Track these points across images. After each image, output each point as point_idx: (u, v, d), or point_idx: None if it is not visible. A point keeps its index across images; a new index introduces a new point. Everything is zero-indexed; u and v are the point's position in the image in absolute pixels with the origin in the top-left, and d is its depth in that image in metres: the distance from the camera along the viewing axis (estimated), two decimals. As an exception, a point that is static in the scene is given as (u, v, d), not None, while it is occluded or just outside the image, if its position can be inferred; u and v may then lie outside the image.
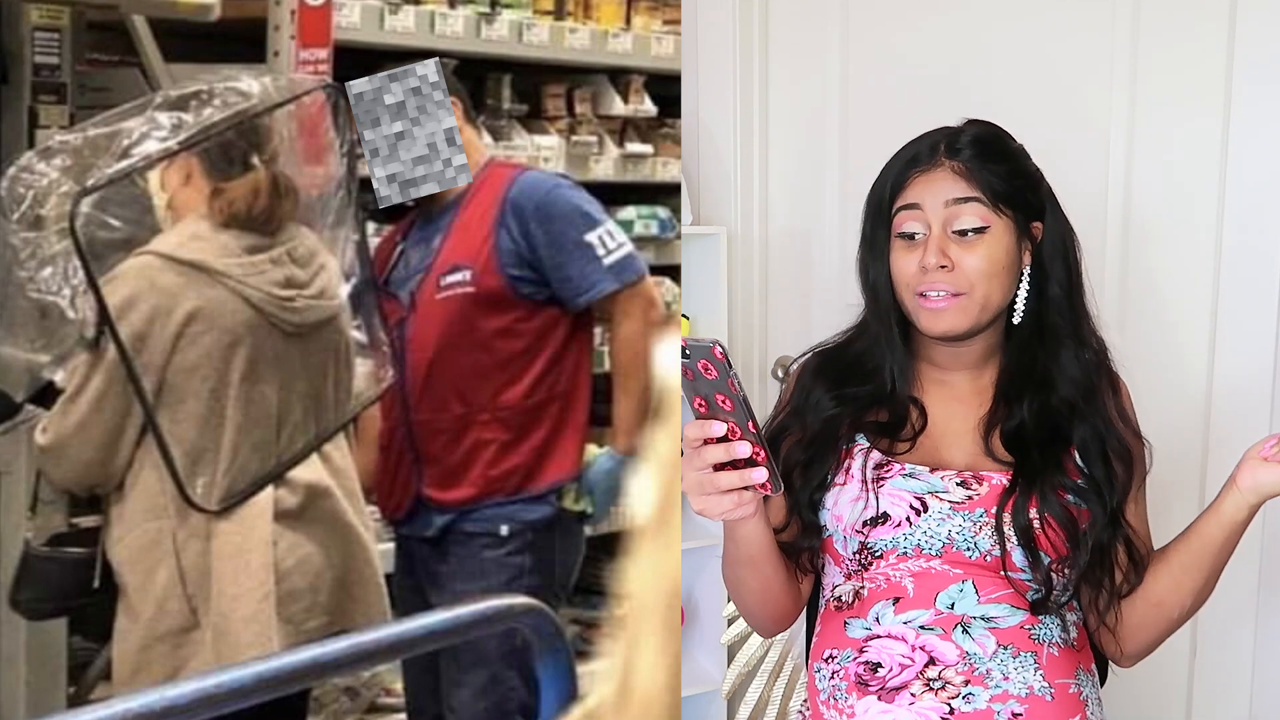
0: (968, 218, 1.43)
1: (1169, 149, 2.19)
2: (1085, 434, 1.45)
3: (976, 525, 1.41)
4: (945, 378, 1.52)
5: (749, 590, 1.48)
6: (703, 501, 1.24)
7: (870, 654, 1.42)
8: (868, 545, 1.44)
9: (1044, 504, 1.40)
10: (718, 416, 1.20)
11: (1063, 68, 2.29)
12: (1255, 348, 2.12)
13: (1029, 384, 1.47)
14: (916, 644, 1.40)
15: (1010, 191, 1.45)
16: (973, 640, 1.39)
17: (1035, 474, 1.41)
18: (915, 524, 1.42)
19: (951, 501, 1.42)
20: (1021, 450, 1.44)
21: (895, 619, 1.42)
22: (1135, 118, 2.22)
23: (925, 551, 1.42)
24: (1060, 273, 1.49)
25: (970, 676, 1.38)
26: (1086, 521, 1.42)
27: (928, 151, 1.47)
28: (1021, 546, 1.39)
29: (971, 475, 1.44)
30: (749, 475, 1.21)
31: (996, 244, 1.43)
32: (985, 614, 1.40)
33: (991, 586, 1.41)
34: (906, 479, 1.44)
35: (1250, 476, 1.37)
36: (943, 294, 1.42)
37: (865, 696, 1.41)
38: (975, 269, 1.42)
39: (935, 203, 1.43)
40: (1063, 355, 1.47)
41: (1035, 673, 1.39)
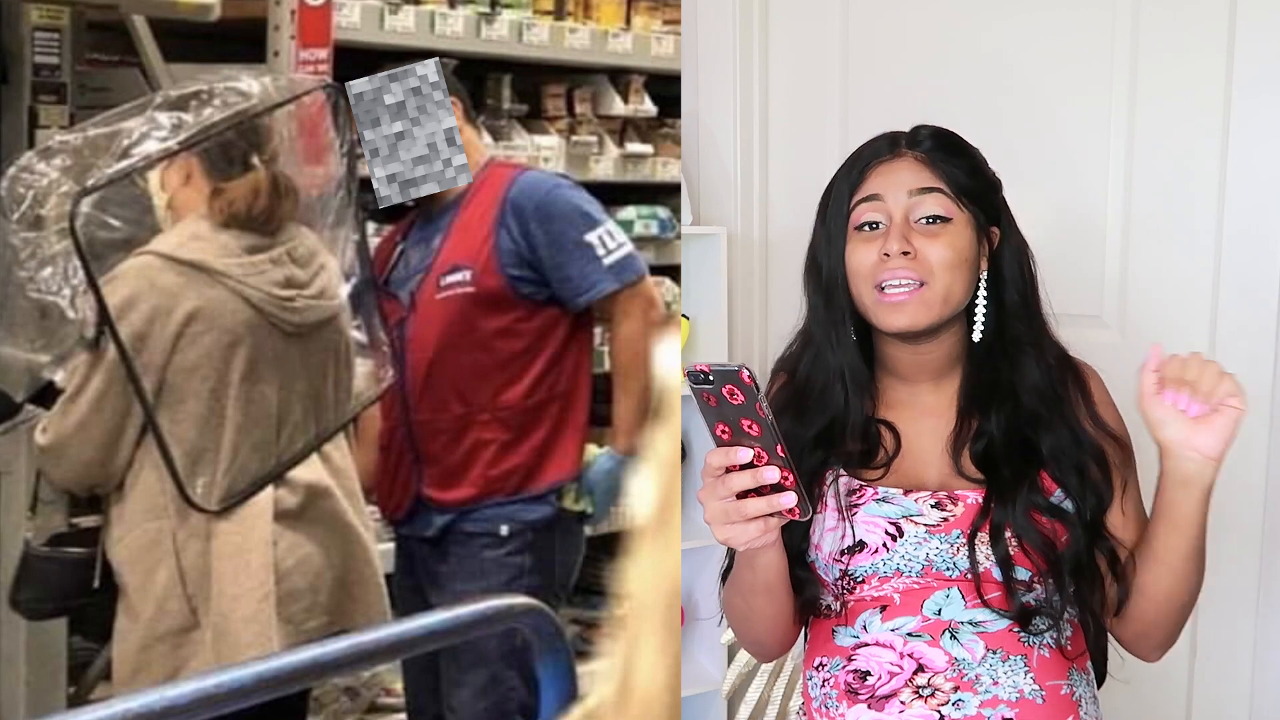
0: (930, 206, 1.41)
1: (1169, 149, 2.19)
2: (1054, 445, 1.42)
3: (954, 547, 1.39)
4: (910, 391, 1.49)
5: (762, 617, 1.45)
6: (727, 530, 1.22)
7: (859, 662, 1.41)
8: (848, 572, 1.43)
9: (1018, 528, 1.37)
10: (742, 443, 1.17)
11: (1063, 68, 2.29)
12: (1255, 348, 2.12)
13: (993, 396, 1.45)
14: (904, 651, 1.39)
15: (972, 186, 1.44)
16: (961, 646, 1.38)
17: (1007, 495, 1.39)
18: (893, 549, 1.40)
19: (927, 525, 1.40)
20: (992, 468, 1.42)
21: (882, 627, 1.41)
22: (1135, 118, 2.22)
23: (905, 574, 1.40)
24: (1017, 279, 1.47)
25: (959, 682, 1.37)
26: (1064, 539, 1.39)
27: (887, 145, 1.46)
28: (1000, 567, 1.38)
29: (946, 495, 1.42)
30: (777, 501, 1.18)
31: (959, 235, 1.42)
32: (973, 619, 1.39)
33: (977, 594, 1.39)
34: (880, 504, 1.41)
35: (1211, 439, 1.29)
36: (903, 285, 1.39)
37: (855, 705, 1.40)
38: (938, 258, 1.39)
39: (898, 192, 1.42)
40: (1024, 364, 1.45)
41: (1025, 676, 1.38)
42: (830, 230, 1.46)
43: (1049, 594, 1.39)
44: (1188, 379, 1.29)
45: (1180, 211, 2.19)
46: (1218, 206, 2.14)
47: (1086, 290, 2.27)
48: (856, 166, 1.46)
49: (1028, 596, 1.39)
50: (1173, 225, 2.20)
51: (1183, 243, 2.19)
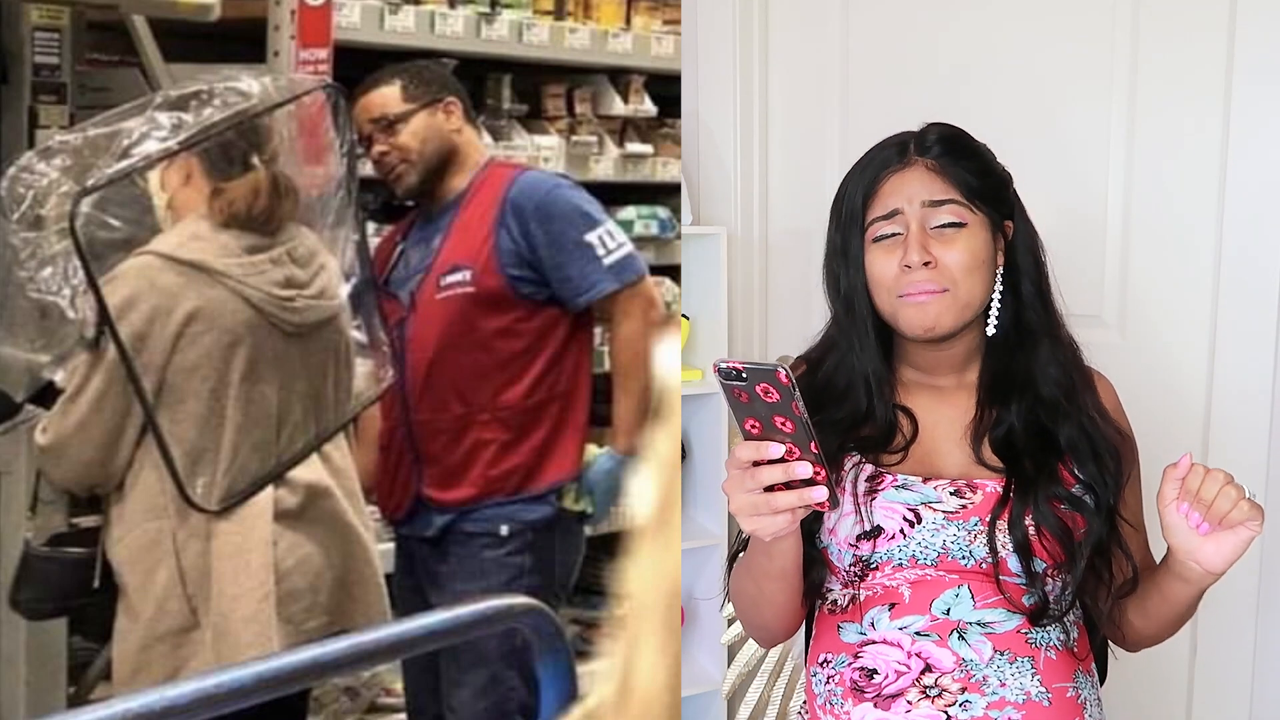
0: (946, 215, 1.42)
1: (1169, 150, 2.19)
2: (1072, 433, 1.44)
3: (971, 534, 1.40)
4: (931, 381, 1.50)
5: (773, 603, 1.45)
6: (755, 522, 1.23)
7: (866, 660, 1.41)
8: (863, 558, 1.43)
9: (1038, 515, 1.39)
10: (773, 438, 1.18)
11: (1063, 69, 2.29)
12: (1255, 348, 2.12)
13: (1013, 386, 1.46)
14: (912, 650, 1.39)
15: (983, 188, 1.45)
16: (969, 646, 1.38)
17: (1028, 483, 1.40)
18: (910, 535, 1.40)
19: (945, 511, 1.41)
20: (1012, 457, 1.43)
21: (891, 624, 1.41)
22: (1135, 119, 2.22)
23: (920, 561, 1.41)
24: (1031, 270, 1.49)
25: (967, 683, 1.37)
26: (1082, 529, 1.41)
27: (896, 152, 1.46)
28: (1017, 555, 1.38)
29: (965, 483, 1.43)
30: (808, 495, 1.19)
31: (975, 239, 1.43)
32: (981, 619, 1.39)
33: (988, 591, 1.40)
34: (899, 490, 1.42)
35: (1214, 557, 1.32)
36: (926, 292, 1.41)
37: (861, 703, 1.40)
38: (956, 264, 1.41)
39: (912, 203, 1.43)
40: (1041, 354, 1.47)
41: (1033, 678, 1.38)
42: (847, 241, 1.47)
43: (1062, 589, 1.40)
44: (1204, 499, 1.30)
45: (1180, 211, 2.19)
46: (1218, 206, 2.14)
47: (1086, 290, 2.27)
48: (867, 176, 1.47)
49: (1043, 588, 1.39)
50: (1173, 225, 2.20)
51: (1183, 243, 2.19)
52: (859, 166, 1.48)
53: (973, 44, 2.39)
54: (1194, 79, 2.14)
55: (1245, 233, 2.12)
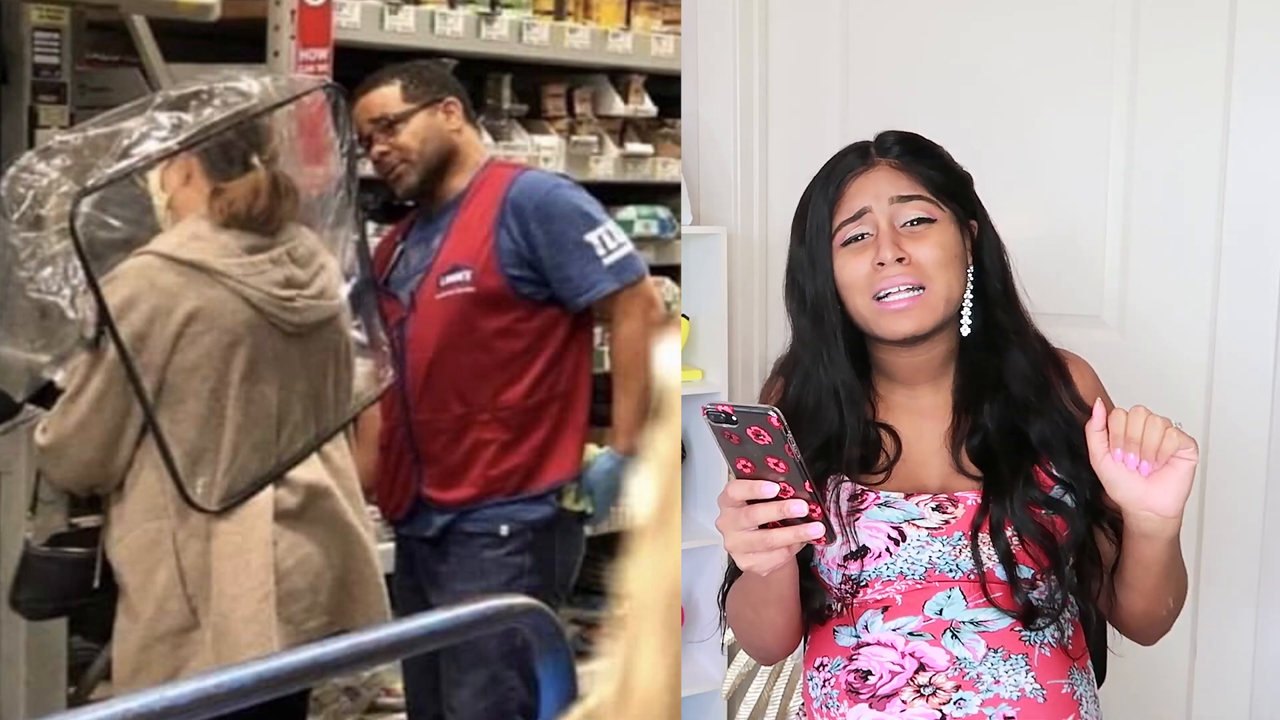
0: (914, 210, 1.42)
1: (1169, 149, 2.19)
2: (1044, 431, 1.43)
3: (956, 549, 1.40)
4: (909, 394, 1.49)
5: (772, 627, 1.46)
6: (750, 559, 1.23)
7: (860, 662, 1.42)
8: (851, 577, 1.44)
9: (1018, 523, 1.38)
10: (767, 477, 1.18)
11: (1063, 69, 2.29)
12: (1255, 348, 2.12)
13: (985, 389, 1.46)
14: (906, 650, 1.39)
15: (948, 184, 1.45)
16: (962, 645, 1.38)
17: (1005, 491, 1.39)
18: (895, 553, 1.40)
19: (929, 528, 1.40)
20: (990, 463, 1.43)
21: (884, 626, 1.41)
22: (1135, 118, 2.22)
23: (909, 577, 1.41)
24: (998, 270, 1.48)
25: (961, 681, 1.37)
26: (1064, 531, 1.40)
27: (858, 156, 1.46)
28: (1002, 565, 1.38)
29: (946, 498, 1.42)
30: (804, 532, 1.19)
31: (944, 233, 1.43)
32: (974, 618, 1.39)
33: (979, 593, 1.40)
34: (882, 509, 1.42)
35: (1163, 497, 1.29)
36: (903, 292, 1.40)
37: (857, 704, 1.41)
38: (930, 259, 1.40)
39: (880, 201, 1.42)
40: (1011, 353, 1.46)
41: (1027, 675, 1.38)
42: (813, 250, 1.45)
43: (1051, 591, 1.40)
44: (1133, 437, 1.29)
45: (1180, 211, 2.19)
46: (1218, 206, 2.14)
47: (1086, 290, 2.27)
48: (832, 182, 1.46)
49: (1031, 594, 1.39)
50: (1173, 225, 2.20)
51: (1183, 243, 2.19)
52: (820, 176, 1.48)
53: (973, 45, 2.39)
54: (1194, 76, 2.14)
55: (1245, 233, 2.12)
